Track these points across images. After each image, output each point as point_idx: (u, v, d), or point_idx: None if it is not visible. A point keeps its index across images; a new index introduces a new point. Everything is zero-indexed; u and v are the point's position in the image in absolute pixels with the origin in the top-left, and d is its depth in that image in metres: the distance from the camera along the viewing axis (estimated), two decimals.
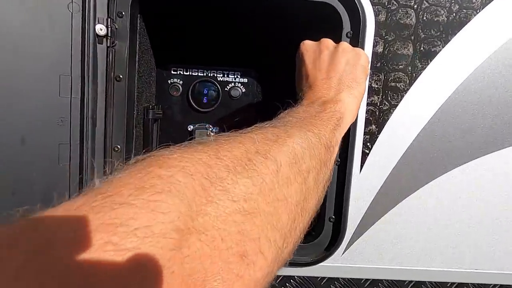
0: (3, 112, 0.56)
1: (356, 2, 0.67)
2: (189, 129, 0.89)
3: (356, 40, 0.69)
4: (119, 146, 0.69)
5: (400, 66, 0.71)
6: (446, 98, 0.72)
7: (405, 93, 0.72)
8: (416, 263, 0.76)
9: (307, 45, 0.66)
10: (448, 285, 0.77)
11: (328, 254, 0.73)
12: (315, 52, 0.64)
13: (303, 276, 0.75)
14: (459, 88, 0.72)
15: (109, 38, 0.64)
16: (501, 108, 0.72)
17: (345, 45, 0.63)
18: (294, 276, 0.75)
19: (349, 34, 0.69)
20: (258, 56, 0.88)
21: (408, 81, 0.71)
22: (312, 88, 0.59)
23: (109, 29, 0.64)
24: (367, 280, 0.75)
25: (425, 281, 0.76)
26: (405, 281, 0.76)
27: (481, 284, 0.78)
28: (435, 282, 0.77)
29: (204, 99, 0.88)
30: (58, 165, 0.61)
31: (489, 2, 0.70)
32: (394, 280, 0.76)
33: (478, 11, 0.70)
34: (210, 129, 0.88)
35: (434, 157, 0.73)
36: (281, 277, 0.74)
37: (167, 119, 0.88)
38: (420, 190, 0.74)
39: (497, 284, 0.77)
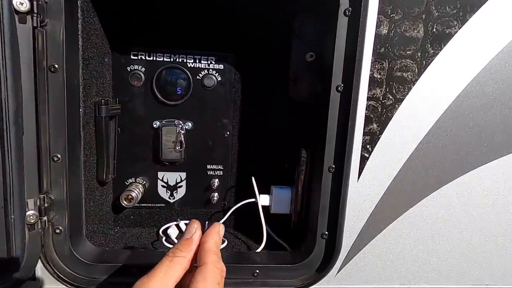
0: None
1: None
2: (154, 125, 0.74)
3: (356, 19, 0.55)
4: (59, 155, 0.54)
5: (408, 52, 0.58)
6: (461, 90, 0.60)
7: (413, 85, 0.59)
8: (420, 281, 0.66)
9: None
10: None
11: (321, 275, 0.62)
12: None
13: None
14: (476, 78, 0.60)
15: (35, 15, 0.48)
16: None
17: None
18: None
19: (347, 11, 0.55)
20: (236, 37, 0.73)
21: (416, 70, 0.59)
22: None
23: (35, 3, 0.48)
24: None
25: None
26: None
27: None
28: None
29: (172, 90, 0.74)
30: None
31: None
32: None
33: None
34: (180, 125, 0.74)
35: (444, 160, 0.62)
36: None
37: (128, 114, 0.73)
38: (427, 198, 0.63)
39: None
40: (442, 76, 0.59)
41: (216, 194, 0.79)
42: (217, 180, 0.78)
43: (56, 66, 0.52)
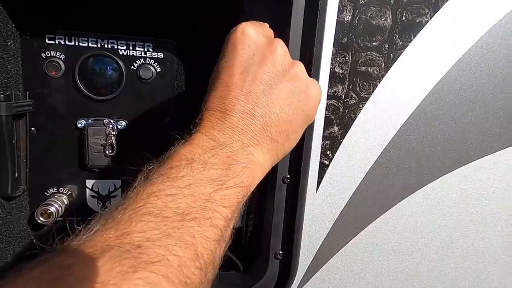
0: None
1: None
2: (79, 125, 0.62)
3: (314, 2, 0.46)
4: None
5: (374, 43, 0.50)
6: (431, 88, 0.53)
7: (379, 82, 0.52)
8: None
9: (249, 35, 0.40)
10: None
11: None
12: (254, 54, 0.39)
13: None
14: (449, 73, 0.53)
15: None
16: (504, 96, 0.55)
17: (300, 68, 0.40)
18: None
19: None
20: (178, 20, 0.62)
21: (383, 64, 0.51)
22: (222, 121, 0.38)
23: None
24: None
25: None
26: None
27: None
28: None
29: (101, 82, 0.61)
30: None
31: None
32: None
33: None
34: (111, 125, 0.62)
35: (412, 166, 0.55)
36: None
37: (45, 111, 0.60)
38: (392, 209, 0.56)
39: None
40: (411, 72, 0.52)
41: None
42: None
43: None
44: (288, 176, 0.51)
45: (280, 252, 0.53)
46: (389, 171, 0.54)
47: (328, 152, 0.52)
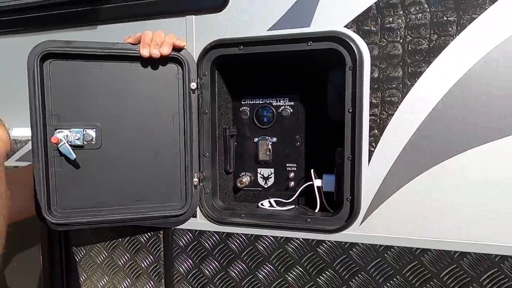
0: (144, 136, 1.06)
1: (352, 45, 0.97)
2: (254, 140, 1.28)
3: (356, 71, 0.97)
4: (207, 154, 1.12)
5: (393, 85, 0.97)
6: (432, 107, 0.94)
7: (399, 105, 0.96)
8: (421, 233, 0.97)
9: None
10: (451, 253, 0.95)
11: (347, 224, 1.01)
12: None
13: (331, 241, 1.04)
14: (444, 99, 0.92)
15: (198, 89, 1.09)
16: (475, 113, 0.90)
17: None
18: (324, 240, 1.05)
19: (350, 67, 0.98)
20: (299, 86, 1.23)
21: (400, 95, 0.96)
22: None
23: (198, 84, 1.08)
24: (380, 245, 1.00)
25: (430, 248, 0.97)
26: (412, 247, 0.98)
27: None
28: (440, 249, 0.96)
29: (264, 119, 1.27)
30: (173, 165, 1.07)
31: (463, 29, 0.90)
32: (403, 247, 0.98)
33: (454, 37, 0.91)
34: (269, 140, 1.26)
35: (424, 152, 0.95)
36: (315, 240, 1.05)
37: (240, 135, 1.29)
38: (419, 177, 0.96)
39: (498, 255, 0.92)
40: (418, 98, 0.94)
41: (292, 182, 1.26)
42: (292, 173, 1.26)
43: (206, 111, 1.11)
44: (350, 156, 1.00)
45: (350, 197, 1.01)
46: (409, 155, 0.95)
47: (373, 144, 0.98)
